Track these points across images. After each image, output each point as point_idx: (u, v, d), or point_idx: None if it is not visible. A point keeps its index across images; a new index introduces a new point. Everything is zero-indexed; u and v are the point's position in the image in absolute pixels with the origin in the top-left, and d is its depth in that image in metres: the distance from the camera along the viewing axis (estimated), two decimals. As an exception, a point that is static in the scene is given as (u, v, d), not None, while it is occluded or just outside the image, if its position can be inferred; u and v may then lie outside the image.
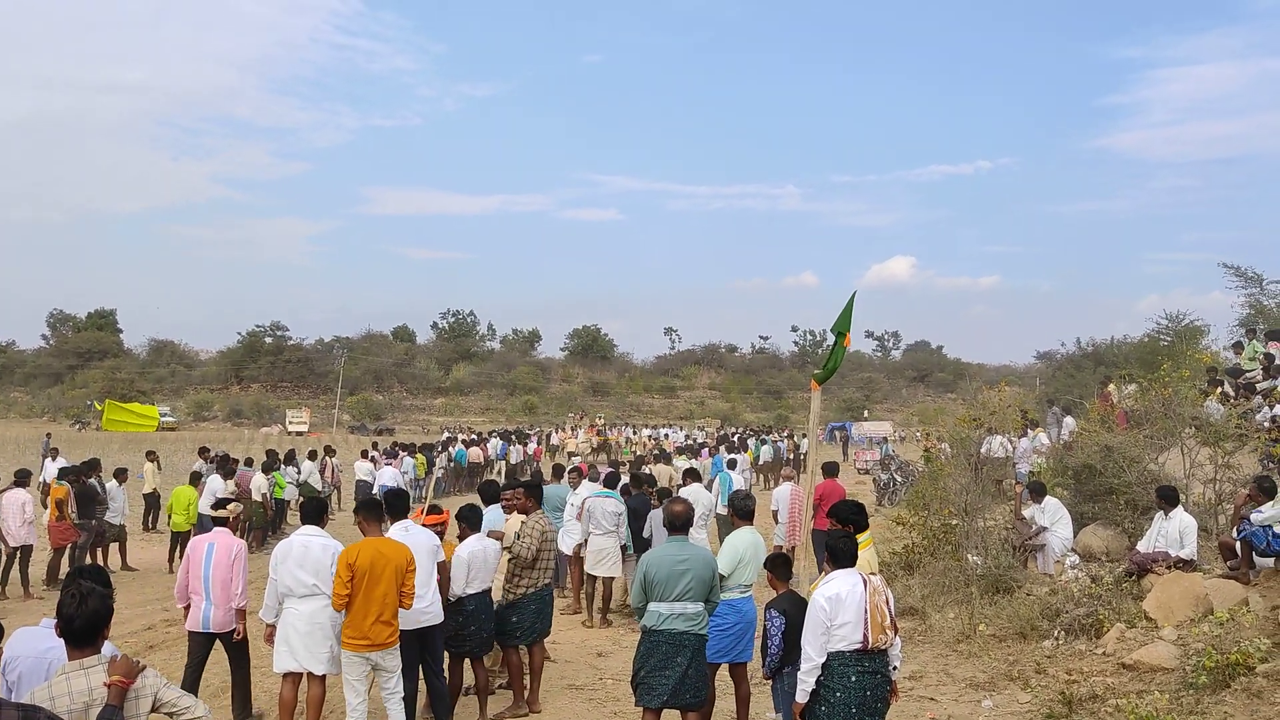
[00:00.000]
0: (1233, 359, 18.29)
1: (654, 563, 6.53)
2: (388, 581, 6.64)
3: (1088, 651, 8.74)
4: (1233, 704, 6.89)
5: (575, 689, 9.00)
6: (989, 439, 14.63)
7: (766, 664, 6.35)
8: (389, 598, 6.67)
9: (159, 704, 3.92)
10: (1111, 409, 15.40)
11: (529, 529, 8.08)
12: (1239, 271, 25.29)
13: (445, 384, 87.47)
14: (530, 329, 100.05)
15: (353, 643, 6.65)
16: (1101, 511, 12.33)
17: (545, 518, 8.39)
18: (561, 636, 10.98)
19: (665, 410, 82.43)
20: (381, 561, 6.64)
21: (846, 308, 8.82)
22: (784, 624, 6.17)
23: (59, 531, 13.61)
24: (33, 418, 72.11)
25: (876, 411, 73.26)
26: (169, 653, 10.29)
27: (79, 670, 3.78)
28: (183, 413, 71.57)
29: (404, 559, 6.80)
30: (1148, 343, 30.43)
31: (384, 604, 6.65)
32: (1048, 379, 48.31)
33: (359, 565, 6.55)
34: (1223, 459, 11.44)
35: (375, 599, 6.62)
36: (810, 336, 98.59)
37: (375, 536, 6.89)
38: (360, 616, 6.61)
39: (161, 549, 16.86)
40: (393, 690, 6.84)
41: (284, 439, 49.61)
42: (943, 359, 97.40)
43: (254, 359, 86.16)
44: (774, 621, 6.33)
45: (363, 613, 6.61)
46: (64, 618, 3.83)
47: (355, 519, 7.26)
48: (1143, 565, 9.78)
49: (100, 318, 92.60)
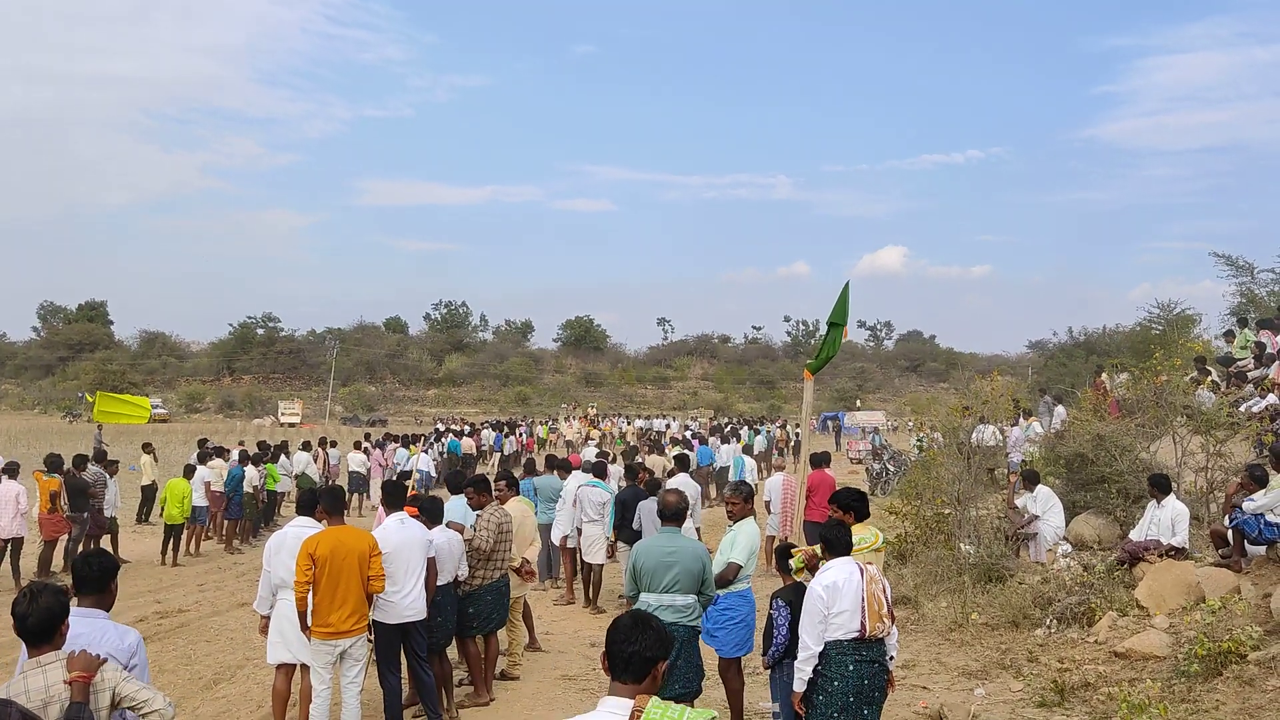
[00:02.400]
0: (1224, 348, 18.35)
1: (642, 553, 6.52)
2: (350, 570, 6.62)
3: (1080, 640, 8.77)
4: (1225, 692, 6.92)
5: (568, 679, 9.01)
6: (981, 428, 14.66)
7: (770, 654, 6.34)
8: (353, 586, 6.65)
9: (119, 698, 3.85)
10: (1104, 398, 15.44)
11: (484, 522, 8.03)
12: (1230, 260, 25.38)
13: (438, 375, 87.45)
14: (523, 320, 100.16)
15: (319, 630, 6.64)
16: (1093, 500, 12.35)
17: (501, 511, 8.30)
18: (555, 627, 11.00)
19: (658, 401, 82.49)
20: (343, 550, 6.62)
21: (842, 298, 8.80)
22: (790, 614, 6.16)
23: (51, 524, 13.57)
24: (24, 409, 71.85)
25: (869, 401, 73.38)
26: (161, 645, 10.26)
27: (36, 668, 3.73)
28: (174, 404, 71.41)
29: (366, 546, 6.79)
30: (1140, 332, 30.51)
31: (349, 592, 6.63)
32: (1040, 368, 48.48)
33: (319, 555, 6.54)
34: (1214, 447, 11.47)
35: (340, 587, 6.60)
36: (803, 327, 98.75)
37: (337, 526, 6.85)
38: (325, 605, 6.60)
39: (153, 541, 16.81)
40: (353, 679, 6.83)
41: (276, 430, 49.52)
42: (935, 348, 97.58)
43: (245, 350, 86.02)
44: (780, 612, 6.31)
45: (328, 601, 6.59)
46: (17, 616, 3.76)
47: (316, 510, 7.21)
48: (1134, 553, 9.80)
49: (91, 309, 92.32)
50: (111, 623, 4.29)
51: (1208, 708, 6.72)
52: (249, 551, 17.03)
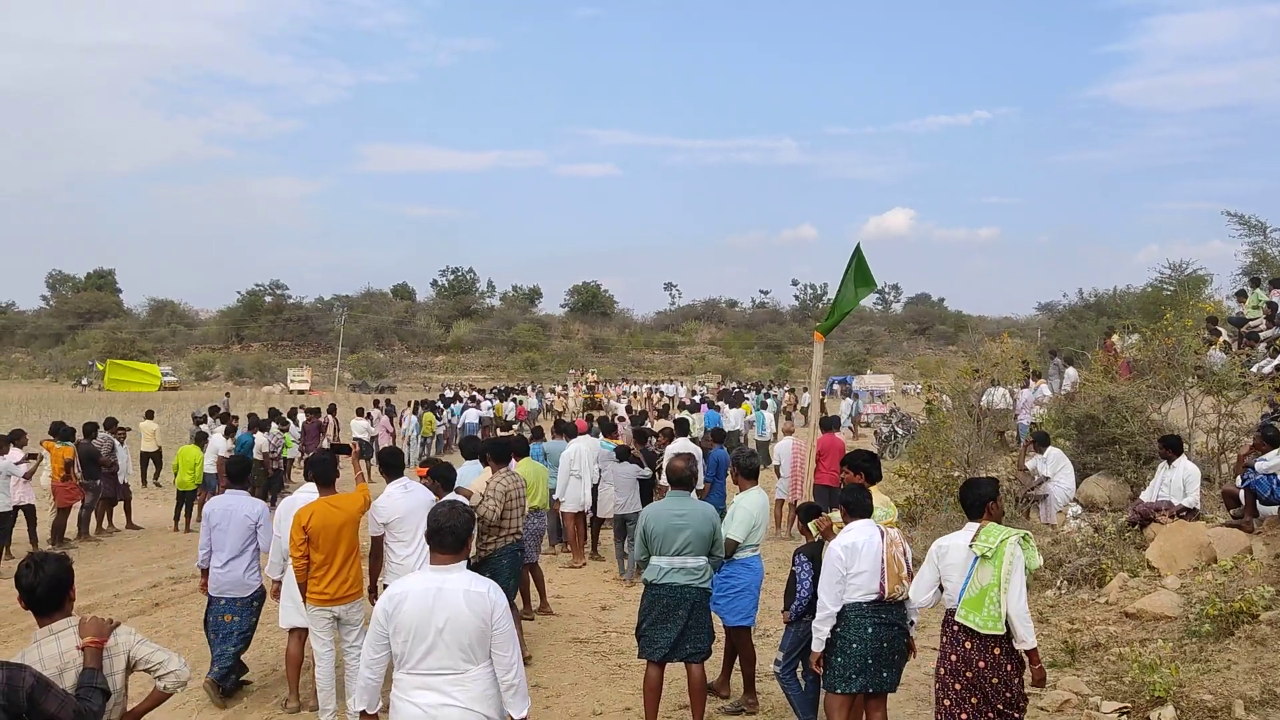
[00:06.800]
0: (1236, 308, 18.21)
1: (652, 516, 6.52)
2: (345, 536, 6.66)
3: (1090, 600, 8.78)
4: (1236, 651, 6.91)
5: (580, 642, 9.05)
6: (991, 390, 14.62)
7: (793, 609, 6.36)
8: (347, 551, 6.68)
9: (134, 661, 3.85)
10: (1114, 359, 15.36)
11: (493, 489, 7.97)
12: (1243, 220, 25.11)
13: (446, 341, 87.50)
14: (531, 286, 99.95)
15: (314, 597, 6.67)
16: (1104, 462, 12.33)
17: (511, 477, 8.26)
18: (566, 590, 11.05)
19: (666, 366, 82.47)
20: (335, 516, 6.64)
21: (862, 262, 8.70)
22: (813, 570, 6.17)
23: (64, 491, 13.64)
24: (34, 379, 72.22)
25: (878, 365, 73.22)
26: (175, 610, 10.34)
27: (49, 636, 3.71)
28: (184, 372, 71.65)
29: (357, 508, 6.83)
30: (1150, 293, 30.34)
31: (344, 559, 6.67)
32: (1049, 330, 48.32)
33: (312, 526, 6.55)
34: (1226, 408, 11.41)
35: (337, 556, 6.64)
36: (810, 290, 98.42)
37: (328, 495, 6.85)
38: (321, 573, 6.63)
39: (164, 507, 16.91)
40: (353, 644, 6.84)
41: (286, 397, 49.67)
42: (944, 311, 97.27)
43: (254, 318, 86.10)
44: (803, 567, 6.33)
45: (323, 570, 6.62)
46: (24, 588, 3.73)
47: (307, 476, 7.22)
48: (1145, 514, 9.78)
49: (99, 278, 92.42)
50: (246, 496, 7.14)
51: (1219, 667, 6.71)
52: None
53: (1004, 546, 5.19)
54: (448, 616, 4.09)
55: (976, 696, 5.23)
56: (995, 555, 5.18)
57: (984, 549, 5.22)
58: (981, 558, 5.23)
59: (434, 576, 4.21)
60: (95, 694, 3.60)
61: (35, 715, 3.32)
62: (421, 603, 4.11)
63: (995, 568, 5.16)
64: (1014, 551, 5.20)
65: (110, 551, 13.75)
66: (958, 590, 5.31)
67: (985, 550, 5.21)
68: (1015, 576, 5.17)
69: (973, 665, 5.23)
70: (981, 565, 5.22)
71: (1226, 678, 6.52)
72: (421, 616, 4.09)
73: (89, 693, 3.59)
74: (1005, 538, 5.23)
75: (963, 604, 5.26)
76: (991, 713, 5.21)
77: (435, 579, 4.19)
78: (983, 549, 5.22)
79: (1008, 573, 5.15)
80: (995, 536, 5.24)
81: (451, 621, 4.09)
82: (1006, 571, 5.15)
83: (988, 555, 5.20)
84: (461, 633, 4.10)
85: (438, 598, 4.11)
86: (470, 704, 4.12)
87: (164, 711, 5.55)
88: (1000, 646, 5.21)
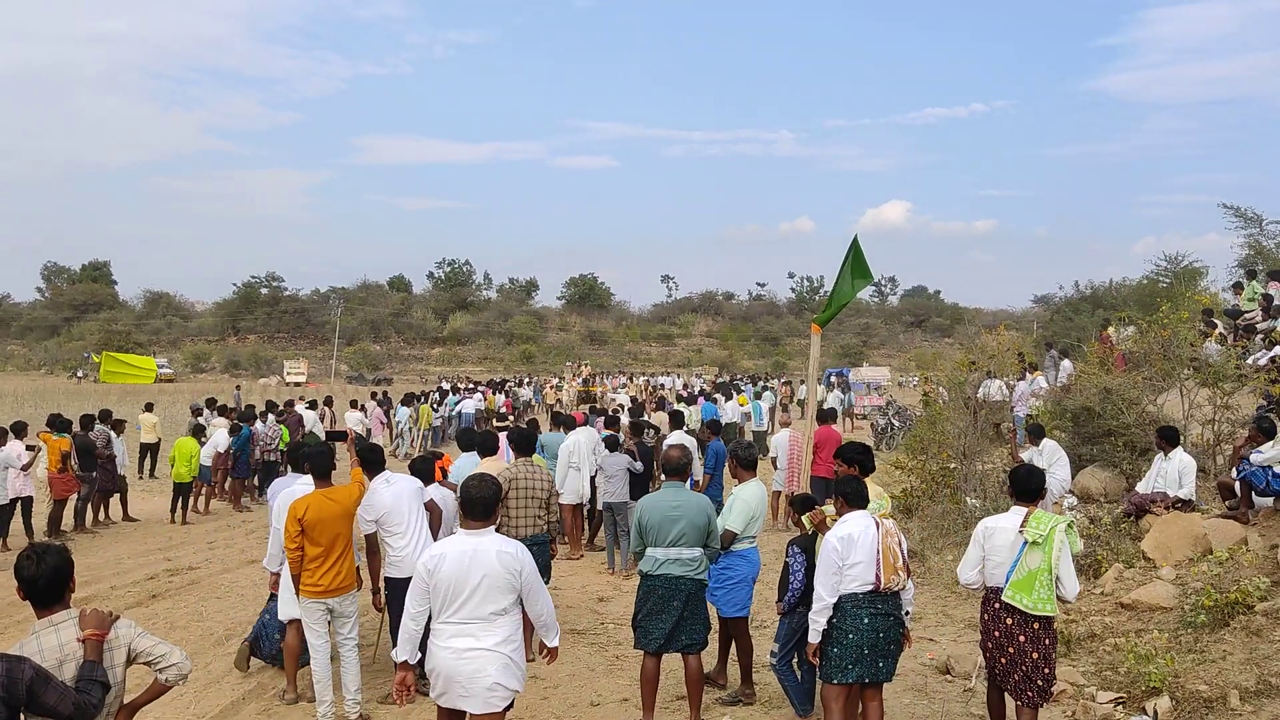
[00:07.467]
0: (1232, 300, 18.23)
1: (648, 508, 6.51)
2: (337, 530, 6.66)
3: (1086, 591, 8.79)
4: (1232, 642, 6.94)
5: (577, 633, 9.07)
6: (987, 382, 14.63)
7: (786, 600, 6.38)
8: (341, 544, 6.69)
9: (135, 654, 3.84)
10: (1110, 351, 15.37)
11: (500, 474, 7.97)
12: (1239, 212, 25.09)
13: (442, 334, 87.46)
14: (527, 278, 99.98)
15: (308, 589, 6.68)
16: (1100, 453, 12.34)
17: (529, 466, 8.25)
18: (563, 582, 11.06)
19: (663, 358, 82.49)
20: (330, 508, 6.64)
21: (859, 255, 8.69)
22: (806, 561, 6.19)
23: (61, 483, 13.64)
24: (30, 370, 72.10)
25: (874, 357, 73.31)
26: (171, 602, 10.34)
27: (49, 628, 3.70)
28: (180, 364, 71.58)
29: (352, 500, 6.83)
30: (1146, 285, 30.35)
31: (339, 552, 6.67)
32: (1045, 322, 48.37)
33: (308, 519, 6.55)
34: (1221, 400, 11.43)
35: (334, 549, 6.64)
36: (807, 283, 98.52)
37: (323, 487, 6.85)
38: (315, 565, 6.63)
39: (161, 499, 16.91)
40: (347, 635, 6.86)
41: (282, 389, 49.63)
42: (940, 303, 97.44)
43: (250, 310, 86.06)
44: (796, 558, 6.35)
45: (317, 562, 6.62)
46: (25, 580, 3.72)
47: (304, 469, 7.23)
48: (1141, 506, 9.81)
49: (95, 269, 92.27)
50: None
51: (1215, 658, 6.74)
52: (257, 510, 17.11)
53: (1053, 533, 5.55)
54: (484, 574, 4.74)
55: (1018, 673, 5.61)
56: (1046, 542, 5.53)
57: (1035, 535, 5.57)
58: (1031, 543, 5.56)
59: (469, 539, 4.86)
60: (95, 687, 3.60)
61: (34, 708, 3.32)
62: (459, 562, 4.76)
63: (1045, 553, 5.53)
64: (1061, 538, 5.57)
65: (106, 544, 13.74)
66: (1004, 571, 5.66)
67: (1036, 537, 5.55)
68: (1064, 562, 5.60)
69: (1014, 640, 5.61)
70: (1030, 550, 5.57)
71: (1222, 668, 6.55)
72: (460, 573, 4.75)
73: (89, 685, 3.59)
74: (1054, 525, 5.58)
75: (1010, 585, 5.60)
76: (1031, 690, 5.57)
77: (470, 541, 4.84)
78: (1034, 535, 5.57)
79: (1057, 558, 5.53)
80: (1045, 523, 5.59)
81: (487, 578, 4.75)
82: (1056, 557, 5.53)
83: (1038, 541, 5.54)
84: (494, 588, 4.76)
85: (474, 557, 4.76)
86: (496, 646, 4.76)
87: (161, 702, 5.55)
88: (1040, 621, 5.58)
